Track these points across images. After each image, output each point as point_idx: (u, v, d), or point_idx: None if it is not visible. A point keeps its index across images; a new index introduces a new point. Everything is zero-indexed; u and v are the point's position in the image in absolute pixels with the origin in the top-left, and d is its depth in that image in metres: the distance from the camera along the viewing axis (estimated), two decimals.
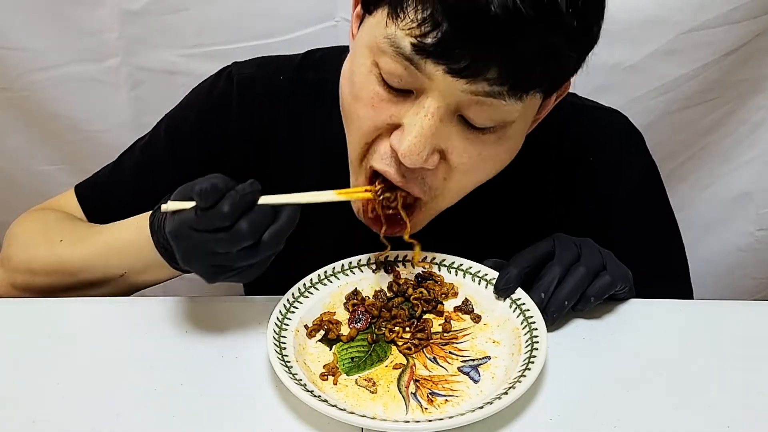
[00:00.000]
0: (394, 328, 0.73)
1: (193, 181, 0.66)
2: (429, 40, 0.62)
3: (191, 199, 0.65)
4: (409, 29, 0.63)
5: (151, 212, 0.76)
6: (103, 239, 0.82)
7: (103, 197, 0.91)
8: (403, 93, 0.67)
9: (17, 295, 0.86)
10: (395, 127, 0.68)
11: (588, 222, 0.87)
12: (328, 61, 0.89)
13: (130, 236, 0.79)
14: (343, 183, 0.79)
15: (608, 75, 1.12)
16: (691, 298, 0.93)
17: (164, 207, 0.67)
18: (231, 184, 0.65)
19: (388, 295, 0.77)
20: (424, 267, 0.79)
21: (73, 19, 1.15)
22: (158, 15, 1.14)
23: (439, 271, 0.79)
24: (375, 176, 0.73)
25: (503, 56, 0.62)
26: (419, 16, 0.62)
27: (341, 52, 0.89)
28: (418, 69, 0.64)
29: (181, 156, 0.89)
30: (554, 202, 0.88)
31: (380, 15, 0.66)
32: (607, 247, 0.77)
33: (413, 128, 0.66)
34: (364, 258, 0.79)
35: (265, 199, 0.66)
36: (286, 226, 0.66)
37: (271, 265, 0.72)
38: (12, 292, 0.86)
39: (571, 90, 0.79)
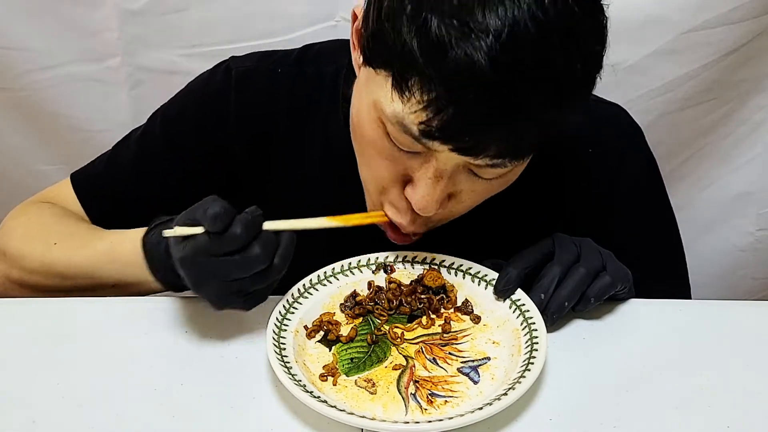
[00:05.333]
0: (396, 330, 0.73)
1: (195, 206, 0.68)
2: (435, 123, 0.63)
3: (197, 224, 0.66)
4: (414, 111, 0.63)
5: (145, 232, 0.76)
6: (97, 248, 0.81)
7: (99, 189, 0.91)
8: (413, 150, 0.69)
9: (13, 289, 0.85)
10: (408, 178, 0.71)
11: (587, 215, 0.87)
12: (324, 55, 0.89)
13: (125, 251, 0.78)
14: (345, 177, 0.79)
15: (608, 75, 1.11)
16: (689, 292, 0.93)
17: (169, 232, 0.67)
18: (234, 208, 0.67)
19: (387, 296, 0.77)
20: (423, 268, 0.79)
21: (73, 19, 1.15)
22: (158, 15, 1.14)
23: (439, 271, 0.79)
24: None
25: (506, 135, 0.64)
26: (425, 98, 0.62)
27: (337, 46, 0.89)
28: (424, 145, 0.66)
29: (177, 149, 0.89)
30: (553, 194, 0.88)
31: (383, 78, 0.66)
32: (605, 240, 0.77)
33: (425, 186, 0.69)
34: (363, 259, 0.79)
35: (267, 225, 0.68)
36: (290, 248, 0.68)
37: None
38: (8, 285, 0.86)
39: None
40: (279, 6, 1.14)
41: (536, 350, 0.67)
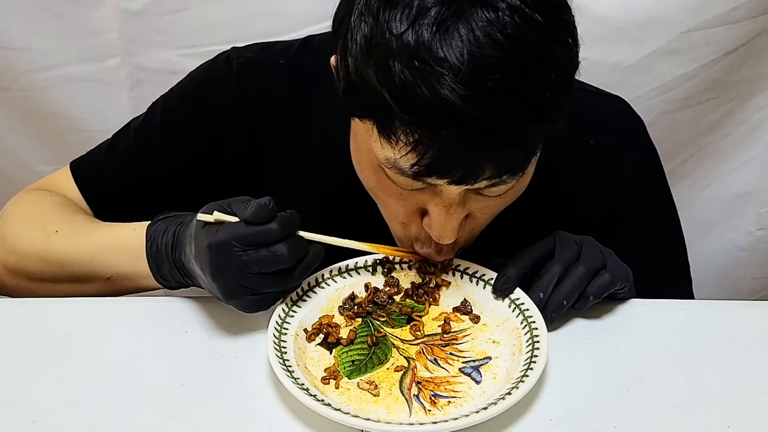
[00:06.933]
0: (394, 330, 0.73)
1: (232, 199, 0.69)
2: (424, 162, 0.63)
3: (232, 214, 0.68)
4: (404, 155, 0.64)
5: (149, 223, 0.77)
6: (98, 237, 0.82)
7: (98, 177, 0.91)
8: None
9: (8, 276, 0.86)
10: (424, 210, 0.72)
11: (588, 206, 0.87)
12: (325, 47, 0.89)
13: (125, 240, 0.79)
14: (343, 170, 0.79)
15: (608, 75, 1.12)
16: (690, 284, 0.93)
17: (206, 217, 0.68)
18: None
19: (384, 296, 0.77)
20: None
21: (73, 19, 1.15)
22: (158, 15, 1.14)
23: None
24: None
25: (495, 157, 0.64)
26: (410, 140, 0.63)
27: None
28: (423, 182, 0.67)
29: (176, 138, 0.89)
30: (553, 187, 0.88)
31: (370, 126, 0.66)
32: (606, 231, 0.77)
33: (439, 218, 0.70)
34: (361, 260, 0.79)
35: (302, 232, 0.70)
36: (316, 260, 0.71)
37: None
38: (2, 272, 0.86)
39: None
40: (279, 6, 1.14)
41: (538, 349, 0.67)
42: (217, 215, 0.68)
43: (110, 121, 1.20)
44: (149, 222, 0.77)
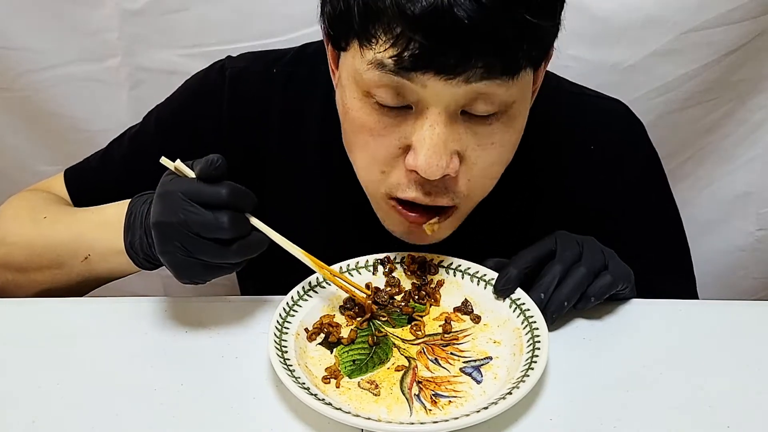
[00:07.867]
0: (395, 330, 0.73)
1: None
2: (407, 54, 0.63)
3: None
4: (385, 50, 0.64)
5: (136, 196, 0.78)
6: (84, 216, 0.84)
7: (90, 185, 0.92)
8: (403, 111, 0.68)
9: None
10: (406, 149, 0.69)
11: (589, 210, 0.87)
12: (321, 53, 0.89)
13: (109, 215, 0.80)
14: (341, 175, 0.78)
15: (608, 75, 1.12)
16: (695, 287, 0.93)
17: (166, 161, 0.70)
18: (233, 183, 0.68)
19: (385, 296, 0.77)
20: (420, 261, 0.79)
21: (73, 19, 1.15)
22: (158, 15, 1.14)
23: (437, 272, 0.79)
24: (401, 203, 0.73)
25: (483, 48, 0.63)
26: (390, 36, 0.63)
27: None
28: (409, 80, 0.65)
29: (170, 148, 0.88)
30: (555, 190, 0.88)
31: (354, 48, 0.67)
32: (608, 235, 0.77)
33: (424, 142, 0.67)
34: (362, 260, 0.79)
35: (253, 220, 0.70)
36: (255, 245, 0.69)
37: (270, 264, 0.72)
38: None
39: None
40: (279, 6, 1.14)
41: (539, 349, 0.67)
42: (179, 164, 0.70)
43: (110, 121, 1.21)
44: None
